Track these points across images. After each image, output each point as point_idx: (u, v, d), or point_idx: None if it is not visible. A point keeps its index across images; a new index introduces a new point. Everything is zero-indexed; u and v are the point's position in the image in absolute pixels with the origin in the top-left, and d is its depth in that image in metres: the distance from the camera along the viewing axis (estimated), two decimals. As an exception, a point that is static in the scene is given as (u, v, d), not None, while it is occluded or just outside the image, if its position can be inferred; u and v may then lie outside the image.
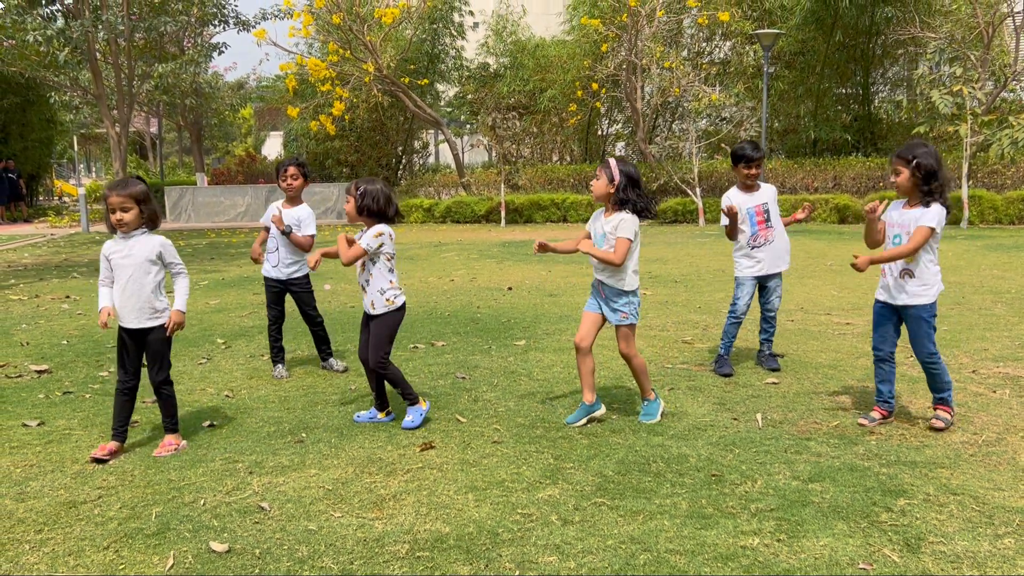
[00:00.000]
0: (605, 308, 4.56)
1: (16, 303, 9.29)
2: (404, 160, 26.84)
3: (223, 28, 18.59)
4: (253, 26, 18.49)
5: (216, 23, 18.29)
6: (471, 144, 29.88)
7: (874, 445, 4.17)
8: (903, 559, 3.01)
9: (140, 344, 4.27)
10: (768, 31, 18.29)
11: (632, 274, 4.50)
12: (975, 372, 5.54)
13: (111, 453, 4.20)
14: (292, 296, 5.86)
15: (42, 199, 31.22)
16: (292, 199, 5.80)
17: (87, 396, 5.39)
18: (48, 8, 16.17)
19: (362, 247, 4.47)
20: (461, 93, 26.46)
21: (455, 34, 24.65)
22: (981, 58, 18.16)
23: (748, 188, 5.67)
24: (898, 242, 4.38)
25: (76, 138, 37.01)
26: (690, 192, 19.02)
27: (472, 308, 8.38)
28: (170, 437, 4.33)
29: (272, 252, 5.78)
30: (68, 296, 9.71)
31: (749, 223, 5.61)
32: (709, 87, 20.61)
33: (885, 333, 4.53)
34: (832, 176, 19.40)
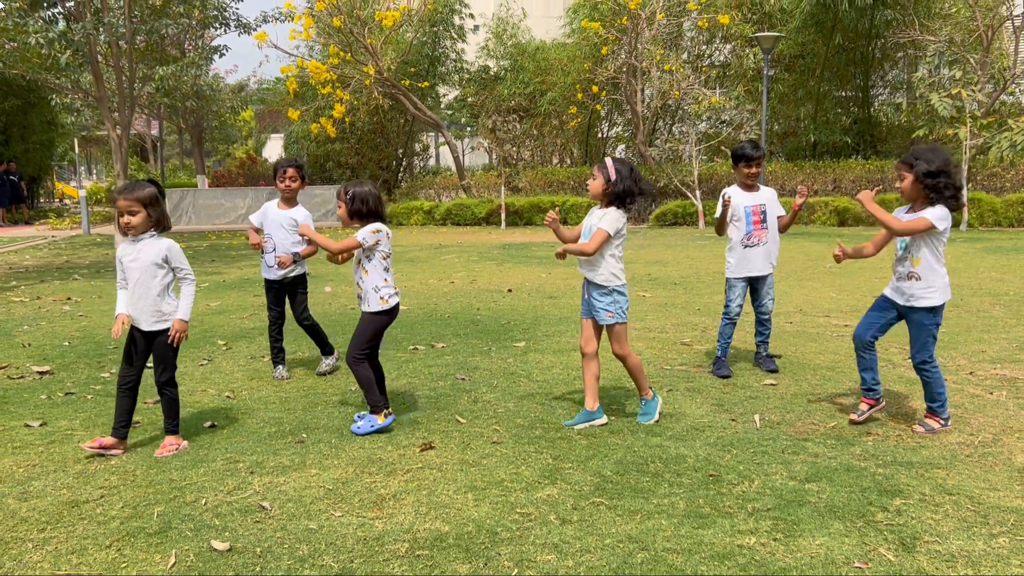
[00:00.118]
0: (593, 312, 4.59)
1: (18, 305, 9.33)
2: (404, 162, 26.89)
3: (224, 31, 18.59)
4: (254, 29, 18.48)
5: (217, 26, 18.29)
6: (471, 147, 29.94)
7: (871, 446, 4.20)
8: (898, 558, 3.04)
9: (148, 344, 4.32)
10: (768, 34, 18.34)
11: (614, 271, 4.51)
12: (972, 374, 5.56)
13: (102, 447, 4.23)
14: (288, 296, 5.89)
15: (43, 201, 31.26)
16: (288, 200, 5.83)
17: (89, 397, 5.42)
18: (50, 11, 16.19)
19: (357, 239, 4.50)
20: (461, 96, 26.52)
21: (455, 37, 24.70)
22: (980, 61, 18.20)
23: (748, 188, 5.71)
24: (903, 245, 4.42)
25: (77, 140, 37.07)
26: (690, 195, 19.05)
27: (472, 310, 8.41)
28: (171, 438, 4.36)
29: (269, 253, 5.81)
30: (69, 298, 9.74)
31: (745, 221, 5.64)
32: (709, 90, 20.66)
33: (872, 321, 4.55)
34: (832, 179, 19.44)
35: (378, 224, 4.55)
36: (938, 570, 2.95)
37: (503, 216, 19.78)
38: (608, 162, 4.54)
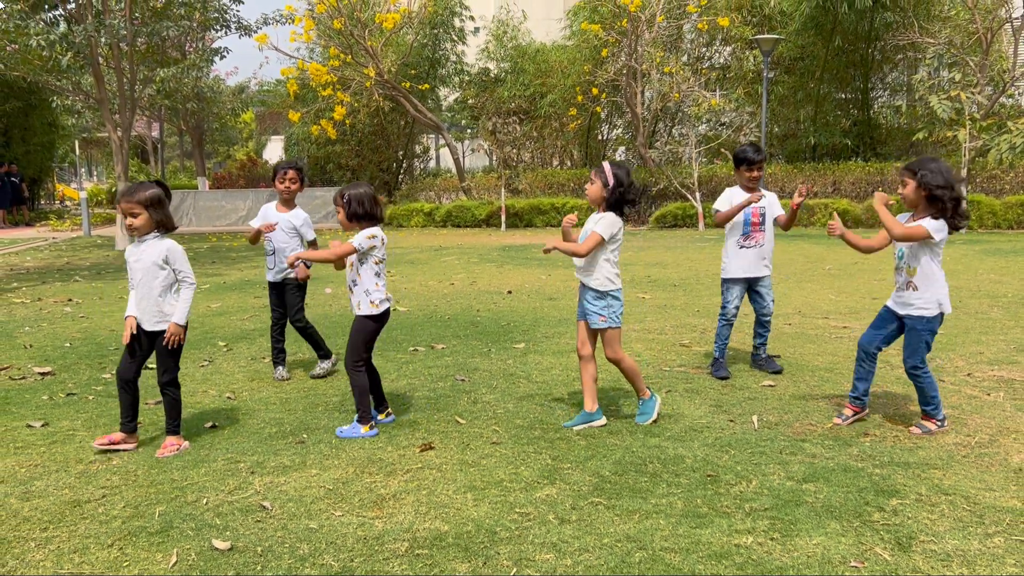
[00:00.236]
0: (587, 314, 4.61)
1: (19, 306, 9.35)
2: (405, 164, 26.93)
3: (225, 33, 18.62)
4: (255, 31, 18.52)
5: (218, 28, 18.33)
6: (472, 149, 29.97)
7: (868, 446, 4.23)
8: (894, 557, 3.06)
9: (151, 344, 4.36)
10: (768, 36, 18.37)
11: (608, 275, 4.53)
12: (970, 375, 5.59)
13: (112, 442, 4.32)
14: (285, 299, 5.91)
15: (43, 203, 31.30)
16: (287, 202, 5.86)
17: (90, 398, 5.45)
18: (51, 13, 16.23)
19: (353, 245, 4.53)
20: (462, 98, 26.56)
21: (456, 39, 24.74)
22: (979, 63, 18.23)
23: (750, 190, 5.73)
24: (900, 254, 4.46)
25: (78, 142, 37.10)
26: (690, 197, 19.08)
27: (472, 311, 8.43)
28: (172, 438, 4.39)
29: (269, 255, 5.84)
30: (70, 299, 9.77)
31: (744, 222, 5.67)
32: (709, 92, 20.71)
33: (876, 333, 4.60)
34: (832, 181, 19.47)
35: (373, 230, 4.57)
36: (933, 569, 2.98)
37: (503, 218, 19.81)
38: (606, 166, 4.56)
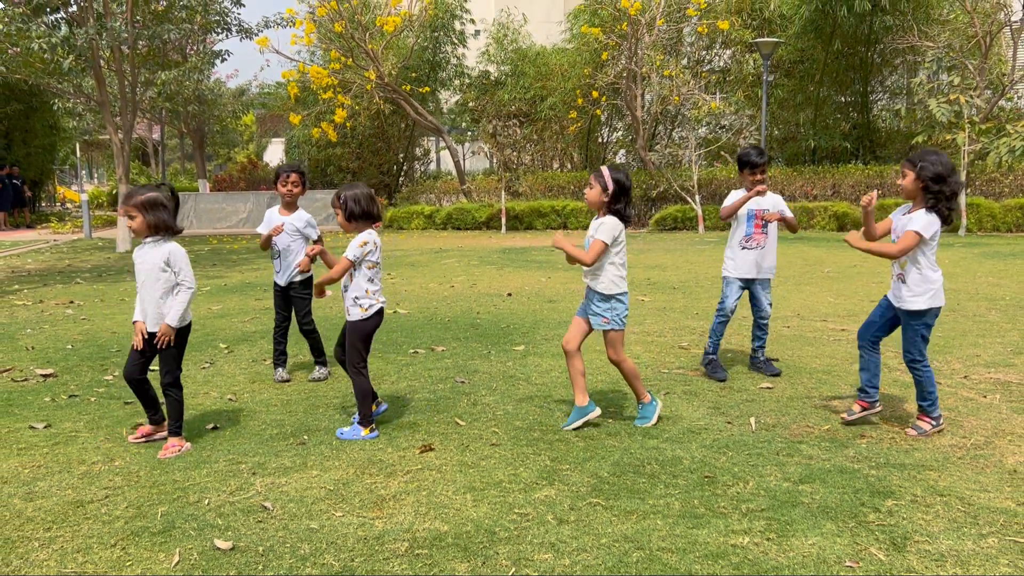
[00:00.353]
0: (589, 315, 4.65)
1: (21, 308, 9.39)
2: (405, 167, 26.97)
3: (226, 36, 18.68)
4: (256, 34, 18.59)
5: (219, 31, 18.40)
6: (472, 151, 29.99)
7: (864, 448, 4.26)
8: (889, 558, 3.10)
9: (154, 345, 4.40)
10: (767, 40, 18.43)
11: (614, 278, 4.57)
12: (967, 377, 5.62)
13: (145, 435, 4.55)
14: (292, 301, 5.95)
15: (44, 205, 31.35)
16: (289, 205, 5.90)
17: (92, 399, 5.48)
18: (52, 16, 16.30)
19: (349, 259, 4.54)
20: (462, 101, 26.59)
21: (456, 42, 24.79)
22: (979, 67, 18.28)
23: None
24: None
25: (79, 144, 37.17)
26: (689, 199, 19.12)
27: (472, 314, 8.47)
28: (174, 439, 4.42)
29: (276, 259, 5.89)
30: (72, 301, 9.80)
31: (747, 224, 5.71)
32: (709, 95, 20.74)
33: (873, 321, 4.66)
34: (831, 184, 19.50)
35: (364, 236, 4.58)
36: (928, 569, 3.01)
37: (503, 220, 19.85)
38: (604, 171, 4.59)
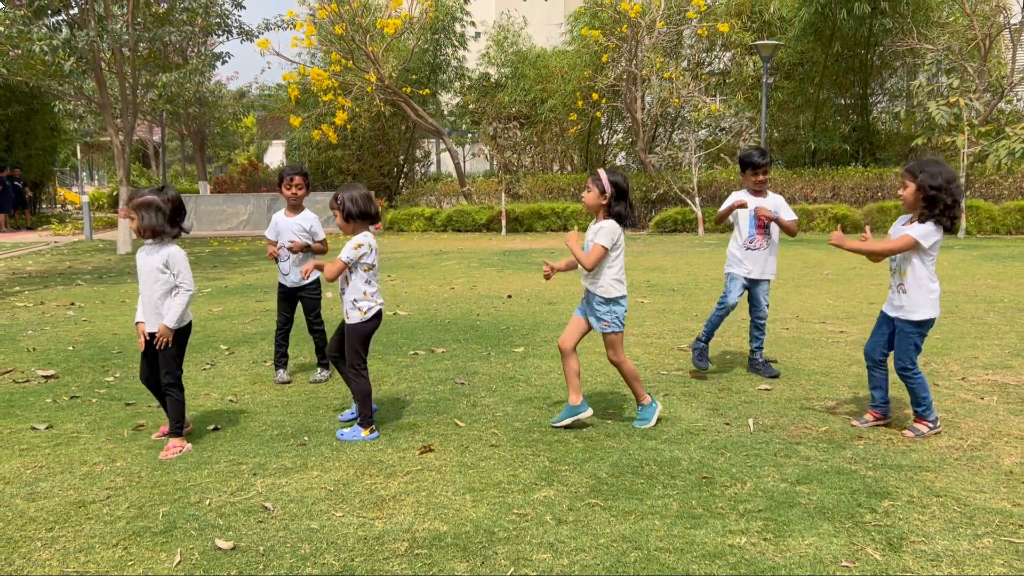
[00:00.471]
0: (590, 315, 4.69)
1: (22, 310, 9.41)
2: (406, 169, 27.01)
3: (226, 38, 18.73)
4: (256, 36, 18.65)
5: (219, 33, 18.44)
6: (472, 153, 30.04)
7: (862, 449, 4.28)
8: (885, 557, 3.12)
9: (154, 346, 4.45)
10: (767, 42, 18.47)
11: (612, 282, 4.60)
12: (964, 379, 5.64)
13: (164, 434, 4.62)
14: (300, 301, 5.97)
15: (45, 207, 31.38)
16: (294, 207, 5.92)
17: (93, 401, 5.50)
18: (54, 18, 16.34)
19: (343, 260, 4.56)
20: (462, 103, 26.64)
21: (457, 44, 24.84)
22: (978, 69, 18.32)
23: (756, 194, 5.81)
24: (893, 257, 4.51)
25: (79, 146, 37.20)
26: (689, 202, 19.15)
27: (472, 316, 8.49)
28: (175, 440, 4.45)
29: (284, 261, 5.90)
30: (73, 303, 9.83)
31: (749, 225, 5.74)
32: (709, 97, 20.77)
33: (877, 340, 4.66)
34: (831, 186, 19.54)
35: (360, 238, 4.59)
36: (923, 569, 3.03)
37: (503, 222, 19.88)
38: (601, 174, 4.60)
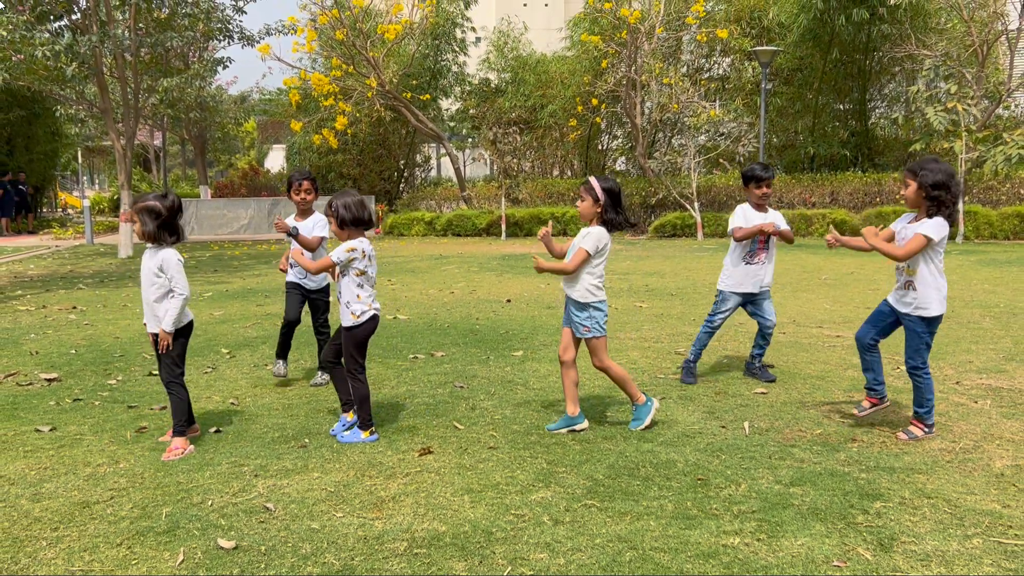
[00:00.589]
0: (571, 321, 4.74)
1: (24, 313, 9.47)
2: (406, 174, 27.09)
3: (228, 43, 18.79)
4: (257, 41, 18.72)
5: (221, 38, 18.51)
6: (472, 158, 30.15)
7: (855, 452, 4.34)
8: (875, 557, 3.17)
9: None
10: (766, 48, 18.57)
11: (590, 287, 4.64)
12: (958, 383, 5.70)
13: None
14: (309, 303, 6.02)
15: (46, 211, 31.45)
16: (304, 212, 5.95)
17: (96, 403, 5.56)
18: (56, 24, 16.41)
19: (332, 259, 4.61)
20: (463, 108, 26.74)
21: (457, 50, 24.93)
22: (976, 76, 18.40)
23: (758, 208, 5.86)
24: None
25: (80, 150, 37.26)
26: (688, 207, 19.22)
27: (471, 320, 8.55)
28: (178, 440, 4.50)
29: (296, 267, 5.92)
30: (75, 307, 9.89)
31: (751, 240, 5.79)
32: (708, 103, 20.86)
33: (872, 324, 4.72)
34: (829, 191, 19.63)
35: (354, 243, 4.62)
36: (913, 569, 3.09)
37: (503, 227, 19.95)
38: (593, 182, 4.66)
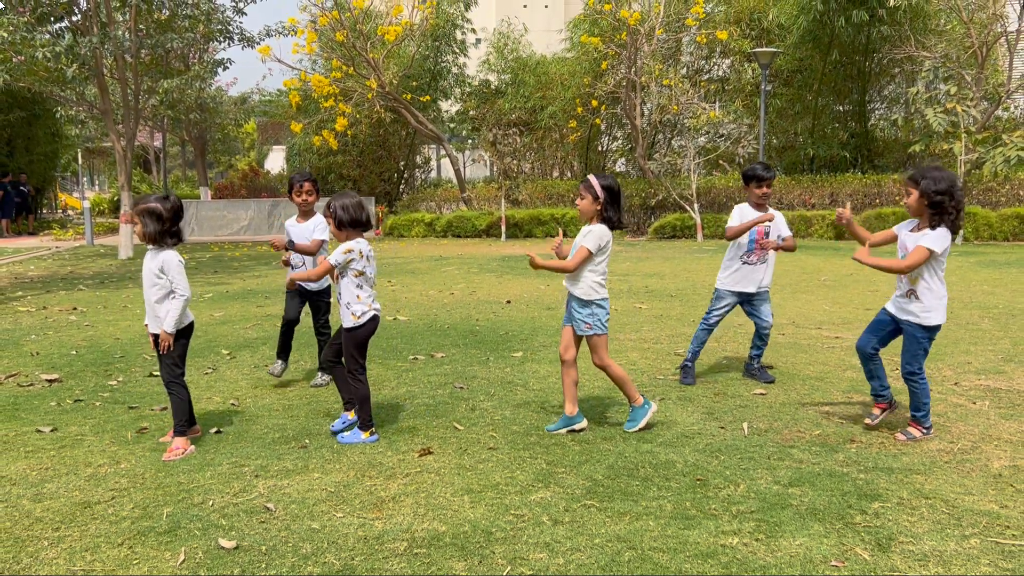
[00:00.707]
0: (572, 319, 4.76)
1: (24, 314, 9.48)
2: (406, 175, 27.12)
3: (228, 45, 18.82)
4: (258, 43, 18.74)
5: (221, 40, 18.54)
6: (472, 159, 30.18)
7: (854, 453, 4.35)
8: (873, 557, 3.19)
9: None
10: (766, 49, 18.59)
11: (593, 284, 4.66)
12: (957, 384, 5.71)
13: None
14: (310, 304, 6.05)
15: (46, 212, 31.46)
16: (306, 213, 5.98)
17: (97, 404, 5.57)
18: (57, 25, 16.43)
19: (330, 263, 4.63)
20: (463, 109, 26.77)
21: (457, 51, 24.95)
22: (975, 77, 18.43)
23: (759, 207, 5.87)
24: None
25: (80, 152, 37.28)
26: (688, 208, 19.24)
27: (471, 321, 8.56)
28: (179, 440, 4.51)
29: (300, 267, 5.96)
30: (75, 308, 9.90)
31: (748, 238, 5.81)
32: (708, 104, 20.89)
33: (872, 334, 4.73)
34: (829, 193, 19.64)
35: (352, 244, 4.63)
36: (911, 569, 3.10)
37: (503, 228, 19.98)
38: (592, 180, 4.68)
